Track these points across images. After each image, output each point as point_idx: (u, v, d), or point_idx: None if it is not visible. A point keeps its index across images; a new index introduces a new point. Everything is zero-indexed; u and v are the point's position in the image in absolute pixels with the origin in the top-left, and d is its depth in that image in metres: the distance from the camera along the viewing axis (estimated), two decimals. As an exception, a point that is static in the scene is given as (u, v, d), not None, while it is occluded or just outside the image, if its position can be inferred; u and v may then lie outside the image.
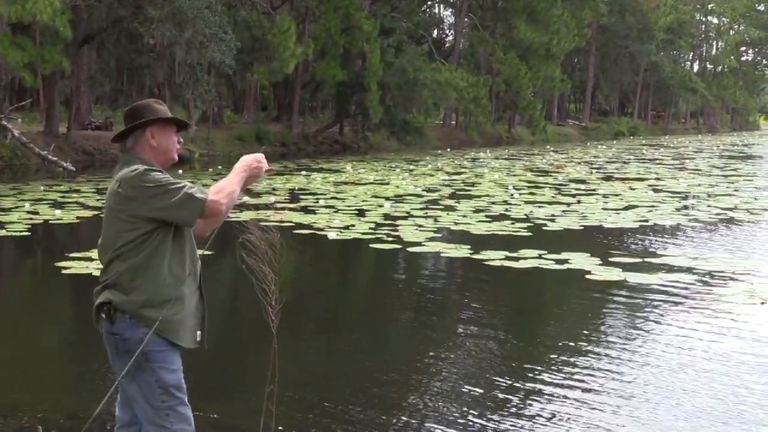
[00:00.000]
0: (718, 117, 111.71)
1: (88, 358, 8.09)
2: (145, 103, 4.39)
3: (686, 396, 7.25)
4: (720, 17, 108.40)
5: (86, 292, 10.28)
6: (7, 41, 30.47)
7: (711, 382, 7.64)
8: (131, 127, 4.30)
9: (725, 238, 16.67)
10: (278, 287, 4.74)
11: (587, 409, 6.89)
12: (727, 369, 8.03)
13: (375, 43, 45.88)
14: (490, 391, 7.38)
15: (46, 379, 7.90)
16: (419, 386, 7.52)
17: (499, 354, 8.71)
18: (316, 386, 7.50)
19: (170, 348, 4.22)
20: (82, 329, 9.23)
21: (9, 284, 13.13)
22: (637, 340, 9.12)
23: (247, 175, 4.32)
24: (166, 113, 4.35)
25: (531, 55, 60.51)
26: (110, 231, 4.21)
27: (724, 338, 9.14)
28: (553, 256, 13.71)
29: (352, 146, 49.75)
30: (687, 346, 8.80)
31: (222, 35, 34.97)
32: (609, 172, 34.20)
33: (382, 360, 8.48)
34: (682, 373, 7.87)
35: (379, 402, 7.11)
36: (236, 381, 7.68)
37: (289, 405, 6.69)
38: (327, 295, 12.44)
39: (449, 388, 7.49)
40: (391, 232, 16.20)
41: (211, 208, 4.12)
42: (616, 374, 7.83)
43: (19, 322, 10.18)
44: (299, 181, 27.57)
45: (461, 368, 8.15)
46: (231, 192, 4.21)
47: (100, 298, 4.21)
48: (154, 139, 4.30)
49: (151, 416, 4.23)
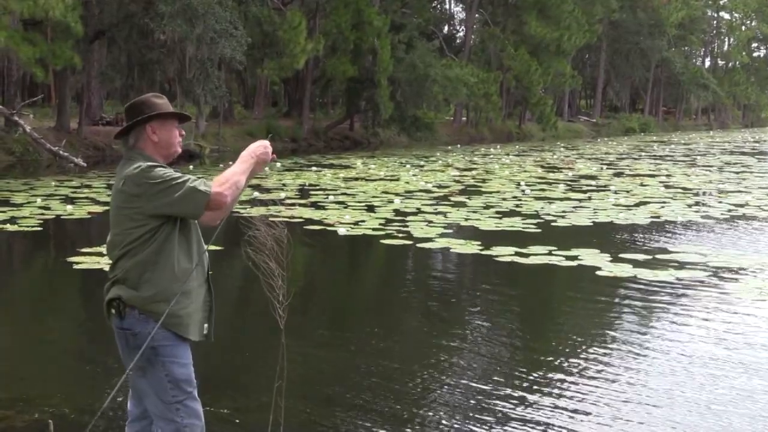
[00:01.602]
0: (730, 113, 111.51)
1: (100, 353, 8.14)
2: (144, 99, 4.38)
3: (696, 389, 7.29)
4: (732, 13, 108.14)
5: (97, 287, 10.31)
6: (19, 37, 30.67)
7: (720, 375, 7.67)
8: (131, 123, 4.30)
9: (736, 234, 16.63)
10: (286, 283, 4.72)
11: (597, 403, 6.92)
12: (736, 363, 8.06)
13: (385, 39, 45.93)
14: (500, 384, 7.40)
15: (58, 374, 7.91)
16: (429, 381, 7.53)
17: (509, 349, 8.72)
18: (326, 381, 7.52)
19: (180, 342, 4.23)
20: (93, 324, 9.29)
21: (21, 279, 13.22)
22: (647, 335, 9.17)
23: (254, 161, 4.29)
24: (165, 107, 4.34)
25: (542, 51, 60.56)
26: (118, 228, 4.23)
27: (733, 333, 9.17)
28: (563, 252, 13.72)
29: (363, 142, 49.84)
30: (696, 341, 8.85)
31: (232, 31, 35.13)
32: (620, 168, 34.16)
33: (392, 355, 8.50)
34: (692, 367, 7.90)
35: (389, 396, 7.11)
36: (246, 376, 7.67)
37: (298, 400, 6.70)
38: (337, 291, 12.46)
39: (459, 381, 7.52)
40: (402, 228, 16.23)
41: (216, 200, 4.11)
42: (626, 368, 7.86)
43: (30, 317, 10.23)
44: (309, 176, 27.65)
45: (471, 362, 8.18)
46: (235, 182, 4.19)
47: (109, 294, 4.24)
48: (155, 134, 4.30)
49: (161, 410, 4.25)
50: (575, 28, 61.13)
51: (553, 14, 59.45)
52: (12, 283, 12.73)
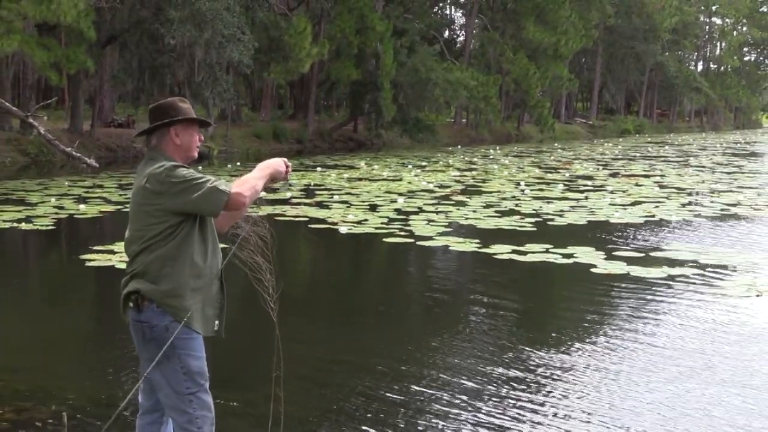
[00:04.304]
0: (722, 115, 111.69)
1: (112, 347, 8.22)
2: (171, 102, 4.45)
3: (686, 384, 7.34)
4: (724, 18, 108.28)
5: (109, 284, 10.92)
6: (34, 42, 30.93)
7: (710, 368, 7.77)
8: (157, 124, 4.40)
9: (728, 233, 16.68)
10: (274, 276, 4.70)
11: (590, 399, 6.96)
12: (726, 357, 8.18)
13: (388, 44, 46.35)
14: (496, 379, 7.42)
15: (72, 368, 7.95)
16: (428, 374, 7.56)
17: (505, 345, 8.65)
18: (328, 373, 7.60)
19: (195, 335, 4.31)
20: (106, 319, 9.51)
21: (36, 276, 13.27)
22: (639, 330, 9.19)
23: (270, 171, 4.42)
24: (189, 112, 4.43)
25: (540, 55, 61.03)
26: (137, 224, 4.30)
27: (723, 328, 9.28)
28: (559, 250, 13.80)
29: (366, 143, 49.88)
30: (686, 336, 8.93)
31: (240, 36, 35.44)
32: (615, 168, 34.15)
33: (392, 348, 8.51)
34: (683, 361, 7.98)
35: (388, 387, 7.19)
36: (254, 369, 7.63)
37: (300, 392, 6.85)
38: (339, 286, 12.53)
39: (456, 376, 7.52)
40: (404, 227, 16.37)
41: (235, 200, 4.20)
42: (619, 363, 7.93)
43: (45, 313, 10.23)
44: (314, 177, 27.63)
45: (468, 357, 8.13)
46: (253, 186, 4.29)
47: (128, 288, 4.30)
48: (178, 137, 4.39)
49: (174, 402, 4.31)
50: (572, 32, 61.54)
51: (550, 19, 59.85)
52: (27, 280, 12.73)
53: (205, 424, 4.33)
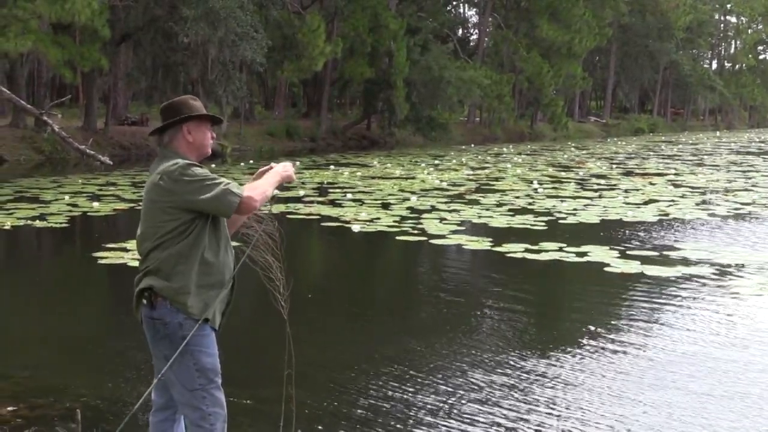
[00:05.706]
0: (736, 114, 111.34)
1: (125, 345, 8.26)
2: (182, 100, 4.48)
3: (698, 383, 7.36)
4: (738, 17, 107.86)
5: (122, 281, 11.00)
6: (49, 40, 31.24)
7: (723, 369, 7.75)
8: (169, 122, 4.43)
9: (742, 232, 16.62)
10: (284, 274, 4.76)
11: (604, 396, 7.00)
12: (739, 356, 8.18)
13: (401, 42, 46.39)
14: (510, 377, 7.45)
15: (86, 365, 8.00)
16: (440, 374, 7.54)
17: (519, 342, 8.71)
18: (341, 371, 7.62)
19: (208, 332, 4.32)
20: (119, 316, 9.48)
21: (49, 273, 13.34)
22: (653, 329, 9.20)
23: (280, 178, 4.50)
24: (201, 110, 4.45)
25: (553, 54, 60.93)
26: (150, 221, 4.32)
27: (736, 328, 9.28)
28: (573, 249, 13.79)
29: (379, 142, 50.06)
30: (700, 336, 8.93)
31: (253, 34, 35.64)
32: (629, 167, 34.08)
33: (405, 345, 8.53)
34: (696, 361, 8.01)
35: (401, 385, 7.20)
36: (267, 368, 7.52)
37: (313, 389, 6.90)
38: (352, 284, 12.57)
39: (470, 373, 7.55)
40: (416, 225, 16.41)
41: (247, 203, 4.25)
42: (633, 363, 7.93)
43: (59, 310, 10.25)
44: (327, 175, 27.78)
45: (482, 355, 8.16)
46: (264, 191, 4.35)
47: (141, 285, 4.31)
48: (190, 134, 4.41)
49: (187, 398, 4.32)
50: (586, 31, 61.40)
51: (564, 18, 59.81)
52: (41, 277, 12.78)
53: (217, 421, 4.34)
